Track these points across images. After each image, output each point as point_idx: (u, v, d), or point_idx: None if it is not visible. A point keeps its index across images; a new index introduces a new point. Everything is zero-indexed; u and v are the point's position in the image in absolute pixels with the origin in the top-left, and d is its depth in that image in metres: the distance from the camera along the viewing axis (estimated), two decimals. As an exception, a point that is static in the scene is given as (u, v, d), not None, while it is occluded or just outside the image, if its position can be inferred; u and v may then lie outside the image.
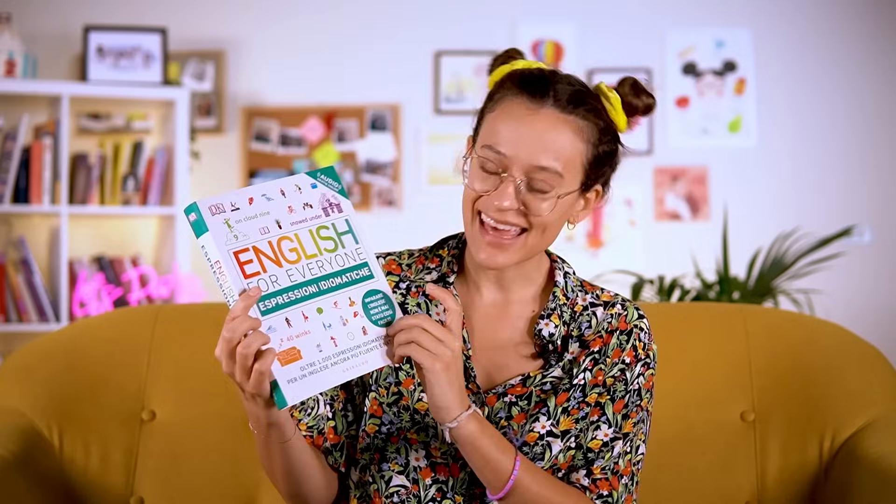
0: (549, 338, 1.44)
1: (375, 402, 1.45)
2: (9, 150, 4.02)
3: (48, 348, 1.94)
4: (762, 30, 4.93)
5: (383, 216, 4.80)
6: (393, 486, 1.43)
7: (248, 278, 1.23)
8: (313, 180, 1.32)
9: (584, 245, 4.90)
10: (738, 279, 3.86)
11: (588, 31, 4.91)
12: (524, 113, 1.36)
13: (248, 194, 1.27)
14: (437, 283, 1.47)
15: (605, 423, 1.43)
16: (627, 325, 1.46)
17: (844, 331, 1.93)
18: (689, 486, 1.83)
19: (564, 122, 1.36)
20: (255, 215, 1.26)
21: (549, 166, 1.35)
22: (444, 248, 1.52)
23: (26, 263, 4.07)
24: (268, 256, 1.26)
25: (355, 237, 1.32)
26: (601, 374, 1.44)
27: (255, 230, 1.26)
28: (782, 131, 4.92)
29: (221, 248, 1.23)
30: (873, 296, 4.83)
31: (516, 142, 1.35)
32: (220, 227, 1.24)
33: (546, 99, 1.37)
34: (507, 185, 1.35)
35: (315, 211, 1.31)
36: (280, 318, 1.24)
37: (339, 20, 4.87)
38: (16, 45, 4.05)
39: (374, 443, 1.45)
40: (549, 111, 1.36)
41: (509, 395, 1.43)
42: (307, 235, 1.29)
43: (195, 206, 1.23)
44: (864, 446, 1.71)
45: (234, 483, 1.82)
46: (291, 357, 1.23)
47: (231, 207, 1.25)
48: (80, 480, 1.83)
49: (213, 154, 4.74)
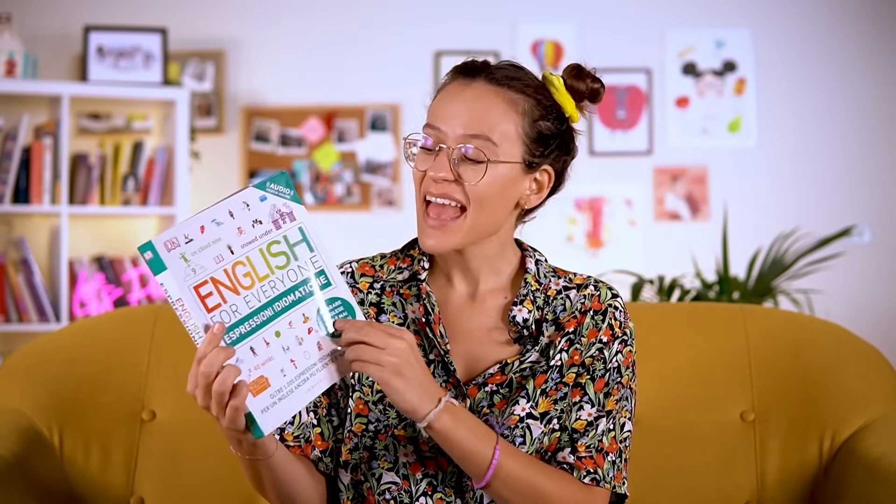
0: (523, 323, 1.45)
1: (360, 401, 1.46)
2: (9, 150, 4.02)
3: (48, 348, 1.94)
4: (762, 30, 4.93)
5: (383, 216, 4.80)
6: (384, 484, 1.43)
7: (211, 312, 1.21)
8: (262, 192, 1.28)
9: (584, 245, 4.90)
10: (738, 279, 3.86)
11: (588, 31, 4.91)
12: (456, 89, 1.42)
13: (199, 223, 1.23)
14: (409, 282, 1.50)
15: (587, 403, 1.43)
16: (601, 304, 1.47)
17: (844, 331, 1.93)
18: (689, 486, 1.83)
19: (495, 94, 1.41)
20: (209, 244, 1.23)
21: (480, 133, 1.39)
22: (414, 248, 1.53)
23: (26, 263, 4.07)
24: (225, 286, 1.23)
25: (310, 245, 1.30)
26: (577, 355, 1.45)
27: (209, 260, 1.23)
28: (782, 131, 4.92)
29: (181, 285, 1.21)
30: (873, 296, 4.83)
31: (448, 115, 1.41)
32: (177, 263, 1.21)
33: (478, 76, 1.42)
34: (442, 157, 1.40)
35: (265, 226, 1.27)
36: (245, 349, 1.23)
37: (339, 20, 4.87)
38: (16, 45, 4.05)
39: (362, 442, 1.45)
40: (480, 84, 1.41)
41: (489, 384, 1.44)
42: (258, 256, 1.26)
43: (150, 244, 1.20)
44: (863, 446, 1.71)
45: (234, 483, 1.82)
46: (261, 386, 1.23)
47: (185, 240, 1.22)
48: (80, 480, 1.83)
49: (213, 154, 4.74)
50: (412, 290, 1.49)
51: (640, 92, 4.93)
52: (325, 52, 4.86)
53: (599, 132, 4.92)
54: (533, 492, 1.37)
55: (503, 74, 1.43)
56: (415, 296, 1.49)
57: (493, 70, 1.43)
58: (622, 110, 4.93)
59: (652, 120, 4.93)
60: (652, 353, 1.87)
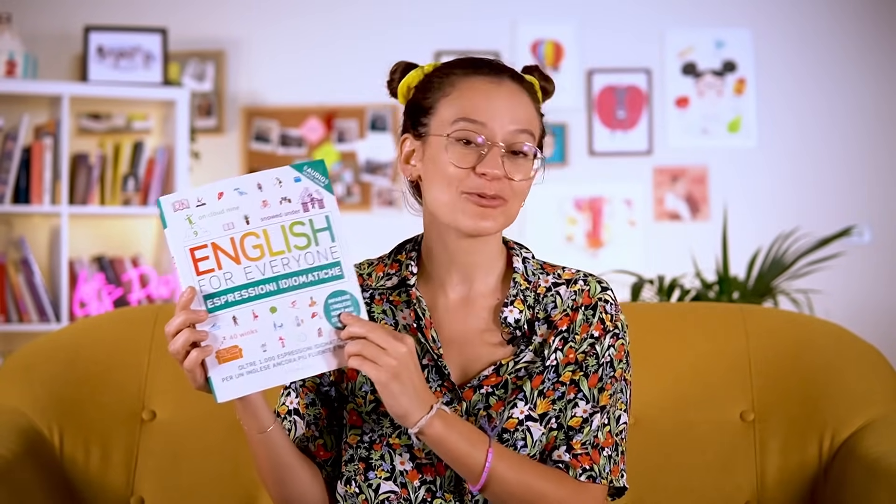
0: (515, 324, 1.45)
1: (354, 412, 1.46)
2: (9, 150, 4.02)
3: (48, 348, 1.94)
4: (762, 30, 4.93)
5: (383, 216, 4.80)
6: (382, 493, 1.43)
7: (201, 275, 1.25)
8: (298, 173, 1.30)
9: (584, 245, 4.90)
10: (737, 279, 3.85)
11: (588, 31, 4.91)
12: (489, 86, 1.42)
13: (219, 189, 1.27)
14: (398, 288, 1.49)
15: (582, 400, 1.43)
16: (591, 299, 1.47)
17: (844, 331, 1.93)
18: (689, 486, 1.83)
19: (521, 92, 1.44)
20: (222, 210, 1.27)
21: (527, 128, 1.41)
22: (402, 253, 1.52)
23: (26, 263, 4.07)
24: (226, 253, 1.26)
25: (332, 235, 1.31)
26: (572, 353, 1.44)
27: (217, 226, 1.26)
28: (782, 131, 4.92)
29: (178, 244, 1.26)
30: (873, 296, 4.83)
31: (492, 110, 1.40)
32: (180, 224, 1.25)
33: (503, 73, 1.44)
34: (495, 155, 1.39)
35: (293, 206, 1.29)
36: (227, 316, 1.25)
37: (339, 20, 4.87)
38: (16, 45, 4.05)
39: (357, 453, 1.45)
40: (509, 82, 1.43)
41: (485, 386, 1.43)
42: (277, 231, 1.28)
43: (159, 202, 1.26)
44: (863, 446, 1.71)
45: (234, 483, 1.83)
46: (231, 355, 1.25)
47: (196, 203, 1.26)
48: (80, 480, 1.83)
49: (213, 154, 4.74)
50: (402, 296, 1.49)
51: (640, 92, 4.93)
52: (325, 52, 4.86)
53: (599, 132, 4.92)
54: (529, 493, 1.37)
55: (516, 72, 1.46)
56: (405, 302, 1.48)
57: (507, 68, 1.46)
58: (622, 110, 4.93)
59: (652, 120, 4.93)
60: (652, 353, 1.87)
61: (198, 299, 1.26)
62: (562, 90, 1.53)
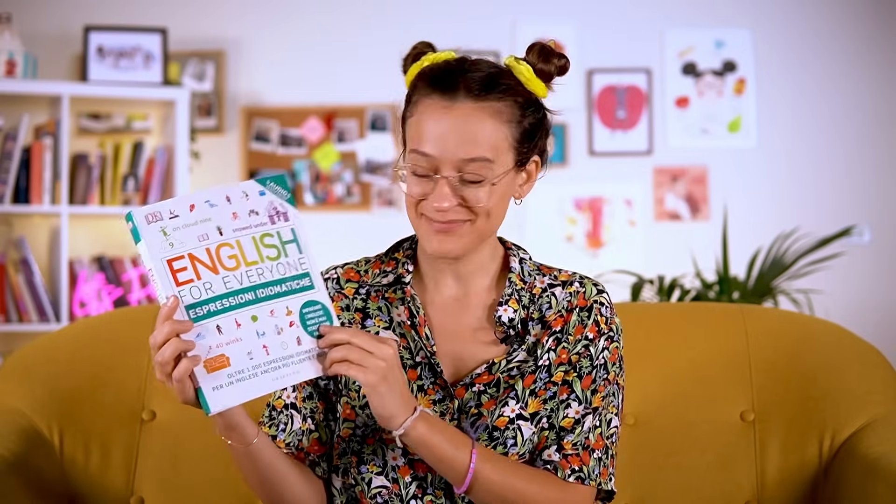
0: (509, 323, 1.45)
1: (347, 406, 1.46)
2: (9, 150, 4.02)
3: (48, 348, 1.94)
4: (762, 30, 4.93)
5: (383, 216, 4.80)
6: (374, 488, 1.43)
7: (181, 286, 1.24)
8: (262, 187, 1.32)
9: (584, 245, 4.90)
10: (737, 279, 3.86)
11: (588, 31, 4.91)
12: (440, 110, 1.37)
13: (190, 201, 1.27)
14: (393, 285, 1.49)
15: (574, 401, 1.43)
16: (587, 301, 1.47)
17: (844, 330, 1.93)
18: (689, 486, 1.83)
19: (481, 110, 1.37)
20: (196, 222, 1.27)
21: (477, 156, 1.36)
22: (398, 251, 1.53)
23: (26, 263, 4.07)
24: (204, 264, 1.26)
25: (300, 247, 1.32)
26: (565, 353, 1.44)
27: (192, 237, 1.26)
28: (782, 131, 4.92)
29: (154, 257, 1.24)
30: (873, 296, 4.83)
31: (439, 140, 1.36)
32: (154, 236, 1.25)
33: (457, 92, 1.37)
34: (442, 186, 1.37)
35: (261, 218, 1.30)
36: (211, 325, 1.25)
37: (339, 20, 4.87)
38: (16, 45, 4.05)
39: (350, 446, 1.46)
40: (463, 103, 1.37)
41: (477, 384, 1.44)
42: (249, 242, 1.29)
43: (130, 215, 1.25)
44: (863, 446, 1.71)
45: (234, 483, 1.82)
46: (219, 364, 1.25)
47: (169, 215, 1.26)
48: (80, 480, 1.83)
49: (213, 154, 4.74)
50: (397, 293, 1.49)
51: (640, 92, 4.93)
52: (325, 52, 4.86)
53: (599, 132, 4.92)
54: (514, 494, 1.38)
55: (478, 84, 1.37)
56: (400, 299, 1.48)
57: (468, 81, 1.37)
58: (622, 110, 4.93)
59: (652, 120, 4.93)
60: (652, 353, 1.87)
61: (180, 310, 1.25)
62: (562, 90, 1.49)
